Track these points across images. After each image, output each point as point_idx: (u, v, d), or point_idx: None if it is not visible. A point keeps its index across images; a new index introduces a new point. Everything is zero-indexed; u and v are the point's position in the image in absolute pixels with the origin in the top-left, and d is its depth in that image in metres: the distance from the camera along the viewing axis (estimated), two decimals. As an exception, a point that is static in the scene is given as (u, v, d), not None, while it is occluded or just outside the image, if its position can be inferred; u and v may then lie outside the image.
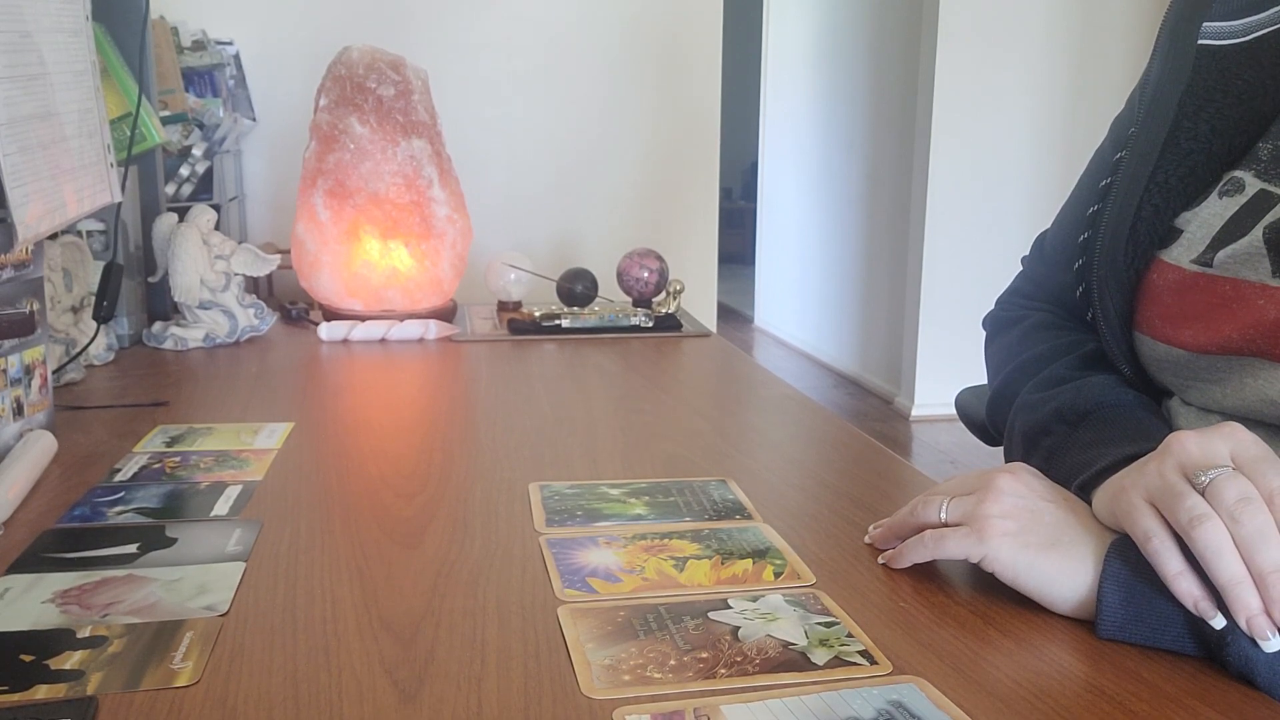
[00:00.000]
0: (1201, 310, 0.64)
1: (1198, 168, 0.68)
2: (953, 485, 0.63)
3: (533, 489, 0.77)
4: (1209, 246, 0.64)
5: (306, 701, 0.48)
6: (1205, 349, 0.64)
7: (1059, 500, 0.59)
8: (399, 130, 1.32)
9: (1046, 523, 0.57)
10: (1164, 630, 0.52)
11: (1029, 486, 0.59)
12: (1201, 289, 0.64)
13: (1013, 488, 0.59)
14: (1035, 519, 0.57)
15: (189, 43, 1.69)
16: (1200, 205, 0.67)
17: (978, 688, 0.50)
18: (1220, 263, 0.63)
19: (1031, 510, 0.58)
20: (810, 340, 5.13)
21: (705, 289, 2.20)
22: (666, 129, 2.12)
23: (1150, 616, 0.52)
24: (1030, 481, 0.60)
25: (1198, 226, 0.66)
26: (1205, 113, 0.68)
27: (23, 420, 0.84)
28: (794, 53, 5.34)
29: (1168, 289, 0.67)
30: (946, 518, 0.60)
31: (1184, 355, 0.66)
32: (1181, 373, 0.67)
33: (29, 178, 0.81)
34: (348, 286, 1.36)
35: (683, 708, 0.47)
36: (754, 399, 1.11)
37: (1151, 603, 0.52)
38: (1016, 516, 0.57)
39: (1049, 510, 0.58)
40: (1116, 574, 0.53)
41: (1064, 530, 0.57)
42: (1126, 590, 0.53)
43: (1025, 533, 0.56)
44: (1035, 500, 0.58)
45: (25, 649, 0.52)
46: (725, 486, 0.78)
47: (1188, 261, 0.66)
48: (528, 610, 0.58)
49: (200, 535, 0.68)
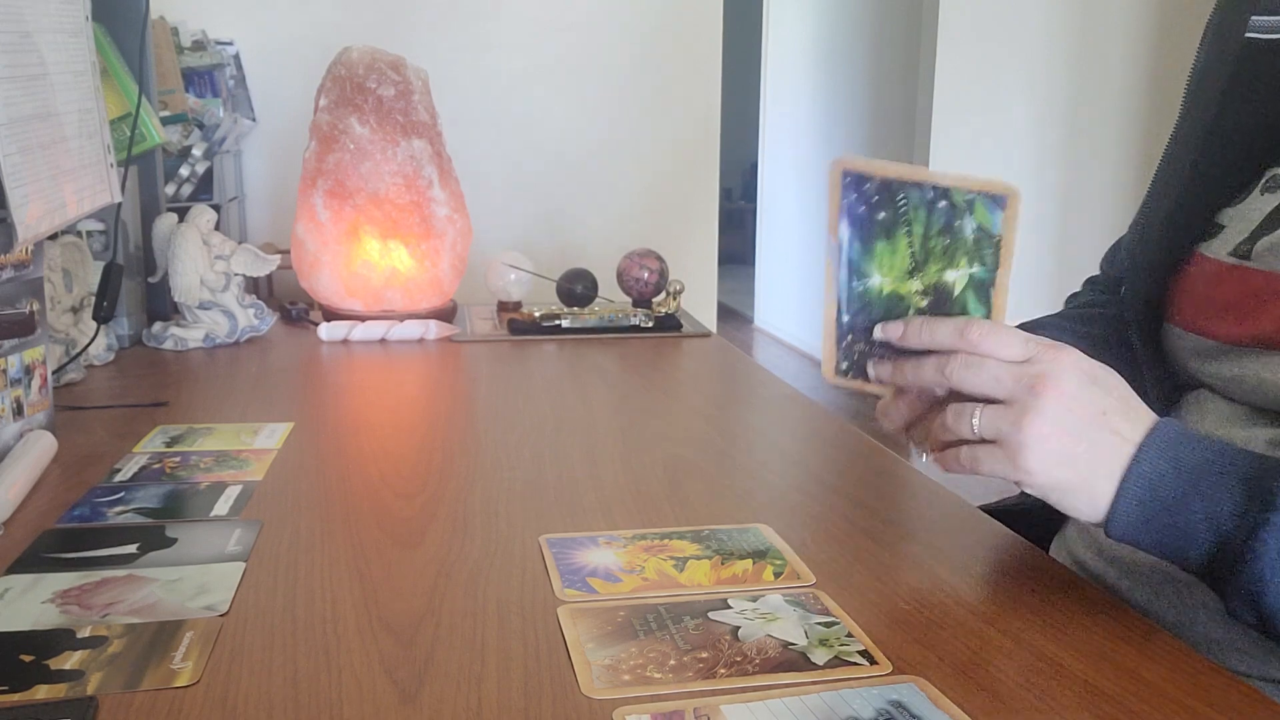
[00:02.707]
0: (1236, 302, 0.64)
1: (1241, 160, 0.67)
2: (987, 379, 0.58)
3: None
4: (1246, 239, 0.64)
5: (306, 701, 0.48)
6: (1240, 341, 0.64)
7: (1101, 406, 0.56)
8: (399, 130, 1.32)
9: (1085, 444, 0.55)
10: (1174, 538, 0.54)
11: (1074, 398, 0.55)
12: (1237, 280, 0.64)
13: (1054, 407, 0.55)
14: (1075, 439, 0.55)
15: (189, 43, 1.69)
16: (1242, 202, 0.66)
17: (978, 688, 0.50)
18: (1259, 254, 0.63)
19: (1072, 432, 0.55)
20: (810, 340, 5.12)
21: (705, 289, 2.19)
22: (666, 129, 2.11)
23: (1161, 523, 0.54)
24: (1076, 389, 0.55)
25: (1238, 221, 0.66)
26: (1250, 106, 0.67)
27: (23, 420, 0.84)
28: (794, 53, 5.34)
29: (1202, 280, 0.67)
30: (980, 432, 0.57)
31: (1216, 346, 0.66)
32: (1213, 364, 0.67)
33: (29, 178, 0.81)
34: (348, 286, 1.36)
35: (683, 708, 0.47)
36: (754, 399, 1.11)
37: (1168, 510, 0.54)
38: (1056, 438, 0.55)
39: (1089, 427, 0.55)
40: (1141, 475, 0.54)
41: (1102, 447, 0.55)
42: (1147, 490, 0.54)
43: (1064, 459, 0.55)
44: (1077, 418, 0.55)
45: (25, 649, 0.52)
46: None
47: (1225, 255, 0.65)
48: (528, 610, 0.58)
49: (200, 535, 0.68)
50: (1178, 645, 0.54)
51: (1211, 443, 0.55)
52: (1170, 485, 0.54)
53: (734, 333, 5.73)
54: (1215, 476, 0.53)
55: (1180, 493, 0.54)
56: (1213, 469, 0.54)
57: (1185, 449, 0.55)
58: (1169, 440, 0.55)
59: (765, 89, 5.80)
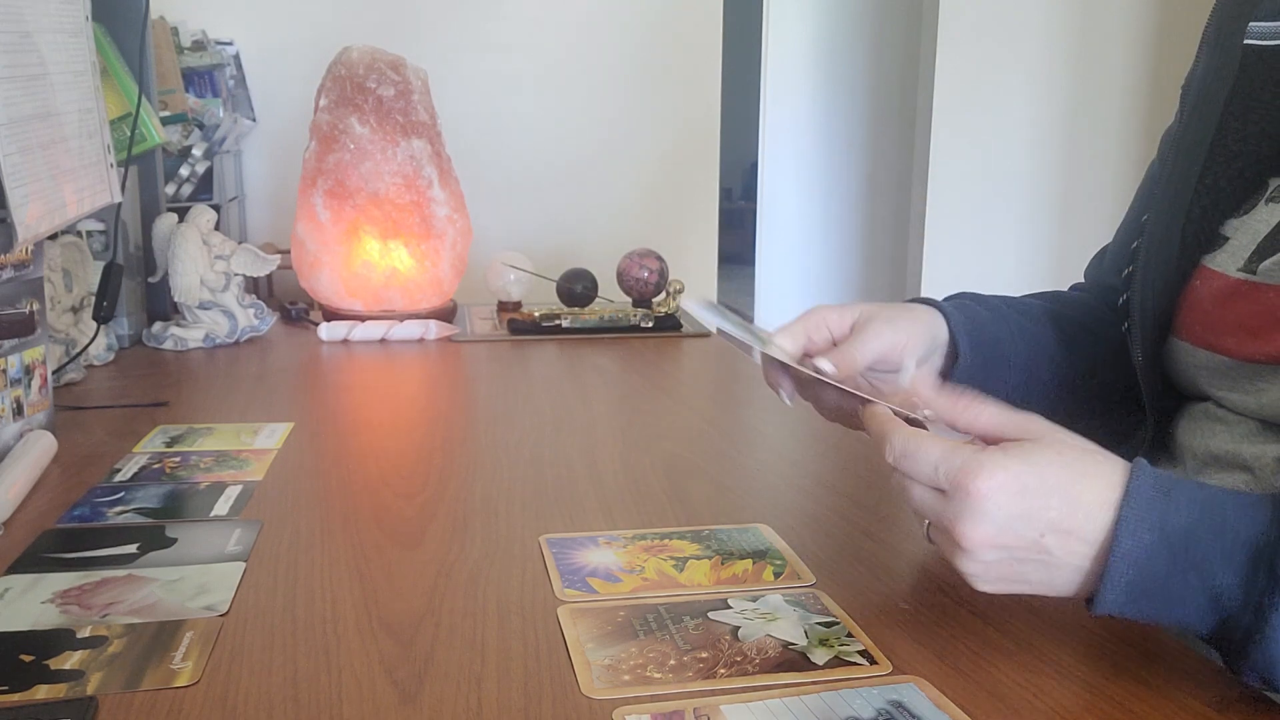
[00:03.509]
0: (1247, 318, 0.63)
1: (1246, 170, 0.66)
2: (914, 501, 0.53)
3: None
4: (1254, 255, 0.63)
5: (306, 701, 0.48)
6: (1252, 357, 0.63)
7: (1038, 526, 0.49)
8: (399, 130, 1.32)
9: (1032, 566, 0.50)
10: (1167, 613, 0.49)
11: (1001, 531, 0.49)
12: (1246, 297, 0.63)
13: (981, 550, 0.50)
14: (1018, 565, 0.50)
15: (189, 43, 1.69)
16: (1248, 213, 0.65)
17: (978, 688, 0.50)
18: (1267, 269, 0.62)
19: (1011, 562, 0.50)
20: (810, 340, 5.11)
21: (705, 289, 2.19)
22: (666, 129, 2.11)
23: (1152, 600, 0.49)
24: (1001, 524, 0.49)
25: (1244, 234, 0.65)
26: (1254, 114, 0.66)
27: (23, 420, 0.84)
28: (794, 53, 5.34)
29: (1210, 296, 0.66)
30: (926, 532, 0.54)
31: (1226, 362, 0.64)
32: (1222, 379, 0.66)
33: (29, 178, 0.81)
34: (348, 286, 1.36)
35: (683, 708, 0.47)
36: (754, 399, 1.11)
37: (1160, 587, 0.48)
38: (996, 571, 0.51)
39: (1030, 551, 0.50)
40: (1123, 555, 0.48)
41: (1055, 565, 0.50)
42: (1133, 570, 0.48)
43: (1013, 581, 0.51)
44: (1011, 552, 0.50)
45: (25, 649, 0.52)
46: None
47: (1233, 270, 0.64)
48: (528, 610, 0.57)
49: (200, 535, 0.68)
50: (1178, 645, 0.54)
51: (1193, 494, 0.49)
52: (1159, 560, 0.48)
53: (734, 333, 5.73)
54: (1209, 541, 0.48)
55: (1170, 566, 0.48)
56: (1204, 532, 0.48)
57: (1170, 511, 0.48)
58: (1147, 501, 0.48)
59: (765, 89, 5.79)
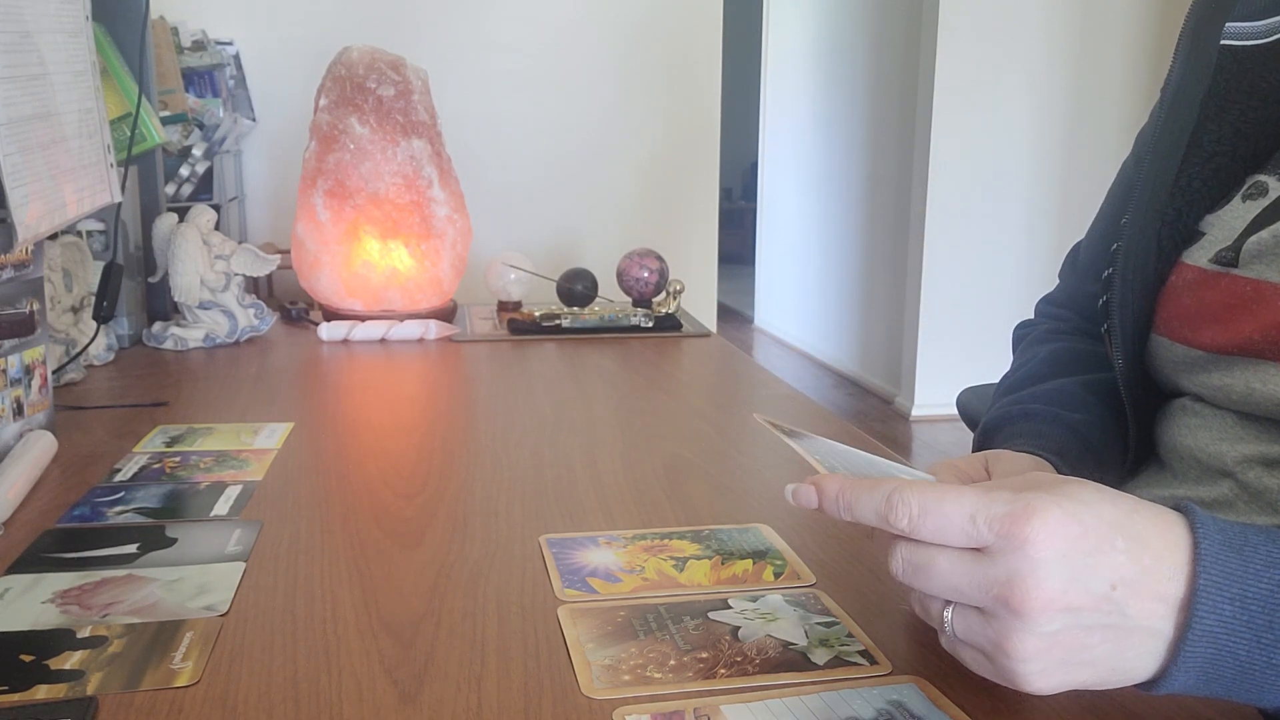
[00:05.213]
0: (1221, 310, 0.63)
1: (1221, 170, 0.67)
2: (942, 587, 0.45)
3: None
4: (1227, 247, 0.64)
5: (306, 701, 0.48)
6: (1225, 349, 0.63)
7: (1108, 579, 0.42)
8: (399, 130, 1.32)
9: (1099, 635, 0.43)
10: (1245, 692, 0.43)
11: (1064, 593, 0.42)
12: (1220, 288, 0.63)
13: (1040, 617, 0.42)
14: (1085, 635, 0.43)
15: (189, 43, 1.69)
16: (1223, 209, 0.66)
17: (978, 688, 0.50)
18: (1242, 261, 0.62)
19: (1077, 630, 0.42)
20: (810, 340, 5.13)
21: (705, 289, 2.20)
22: (666, 129, 2.12)
23: (1229, 679, 0.43)
24: (1065, 580, 0.42)
25: (1219, 228, 0.65)
26: (1229, 114, 0.67)
27: (23, 420, 0.84)
28: (794, 53, 5.34)
29: (1185, 289, 0.67)
30: (958, 636, 0.45)
31: (1203, 356, 0.65)
32: (1198, 373, 0.66)
33: (29, 178, 0.81)
34: (348, 286, 1.36)
35: (683, 708, 0.47)
36: (754, 399, 1.11)
37: (1241, 667, 0.42)
38: (1059, 648, 0.43)
39: (1098, 615, 0.42)
40: (1203, 634, 0.42)
41: (1128, 630, 0.43)
42: (1213, 648, 0.42)
43: (1076, 664, 0.43)
44: (1076, 617, 0.42)
45: (25, 649, 0.52)
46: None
47: (1205, 261, 0.65)
48: (528, 610, 0.57)
49: (200, 535, 0.68)
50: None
51: (1269, 554, 0.42)
52: (1241, 638, 0.41)
53: (734, 333, 5.74)
54: None
55: (1253, 644, 0.41)
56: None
57: (1249, 577, 0.42)
58: (1222, 565, 0.42)
59: (765, 89, 5.80)
